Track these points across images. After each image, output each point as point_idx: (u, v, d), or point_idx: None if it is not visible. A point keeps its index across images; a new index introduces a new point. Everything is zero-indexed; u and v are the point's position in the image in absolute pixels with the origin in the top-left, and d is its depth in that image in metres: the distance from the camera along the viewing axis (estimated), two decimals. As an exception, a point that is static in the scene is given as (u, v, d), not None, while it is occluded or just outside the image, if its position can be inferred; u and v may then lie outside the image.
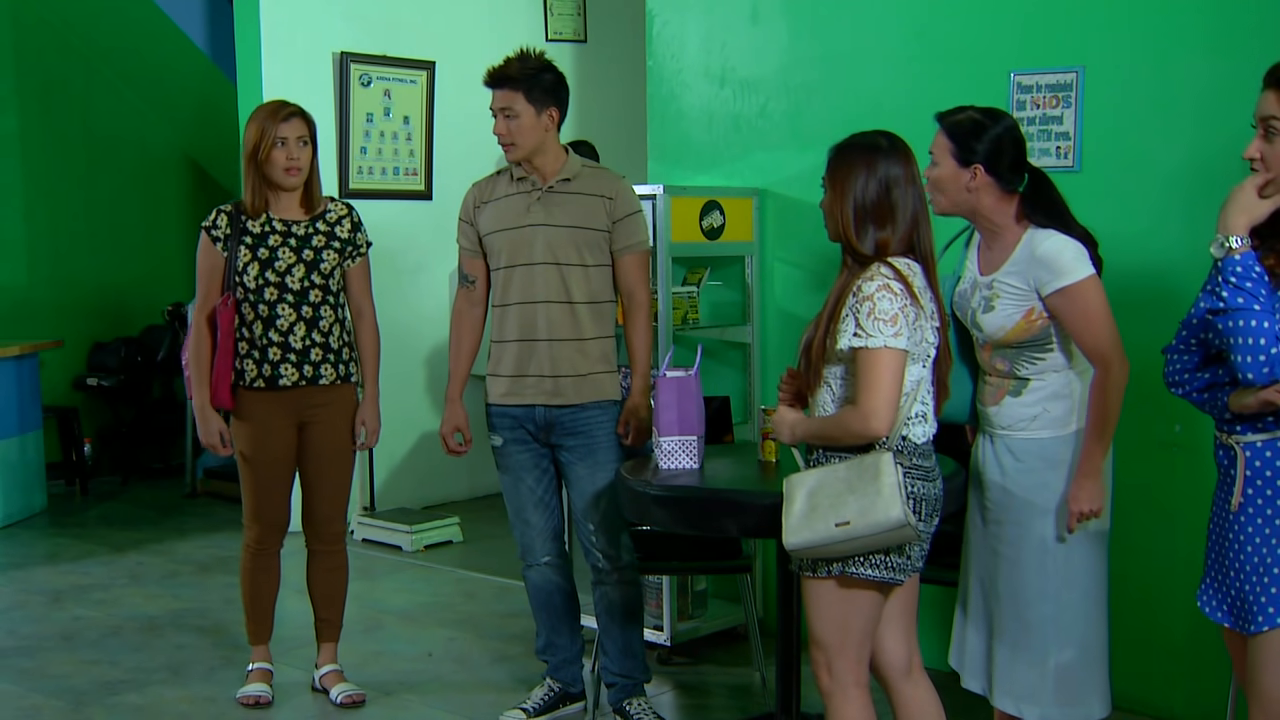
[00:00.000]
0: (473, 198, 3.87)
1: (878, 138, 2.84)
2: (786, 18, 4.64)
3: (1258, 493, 2.41)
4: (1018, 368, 3.10)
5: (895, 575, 2.76)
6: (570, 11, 7.67)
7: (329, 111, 6.56)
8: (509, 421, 3.81)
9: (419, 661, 4.60)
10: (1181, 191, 3.76)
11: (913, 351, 2.72)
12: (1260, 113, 2.39)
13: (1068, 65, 3.96)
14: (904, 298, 2.68)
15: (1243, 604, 2.43)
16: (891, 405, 2.68)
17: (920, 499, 2.74)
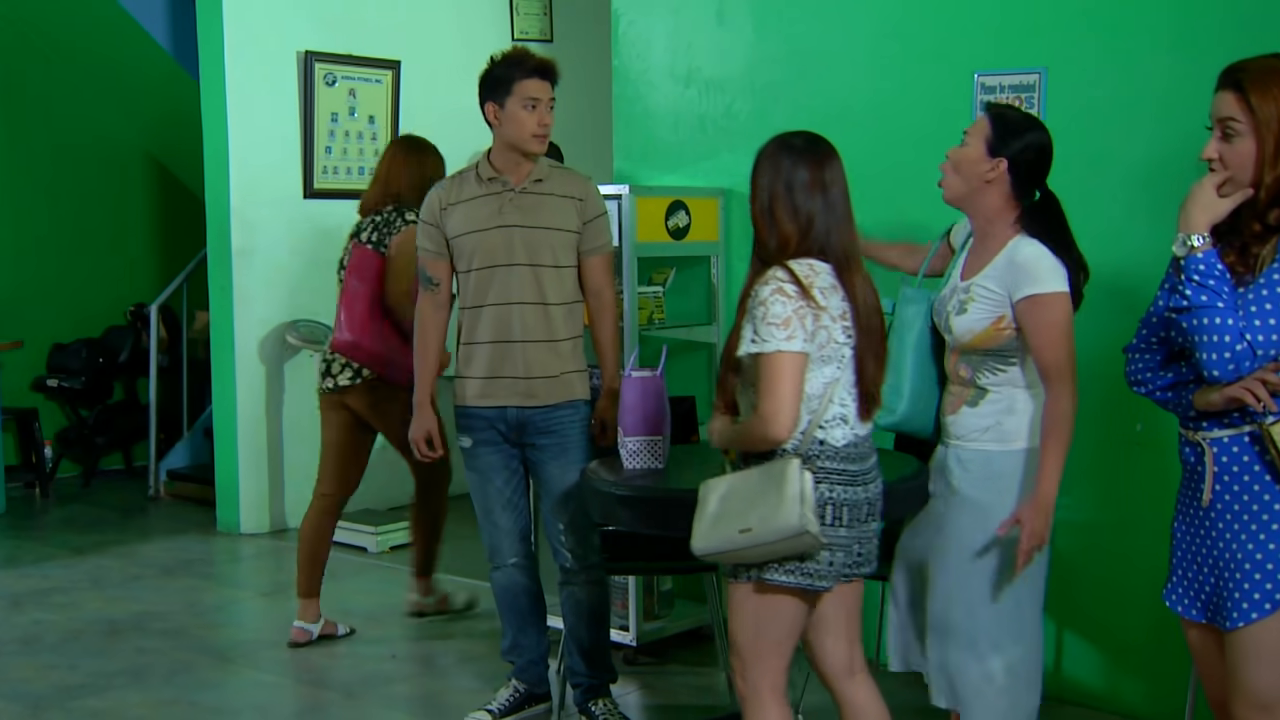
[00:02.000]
0: (438, 200, 3.81)
1: (794, 138, 2.81)
2: (752, 18, 4.64)
3: (1225, 488, 2.42)
4: (979, 375, 3.10)
5: (813, 582, 2.73)
6: (536, 11, 7.66)
7: (293, 111, 6.52)
8: (480, 423, 3.79)
9: (383, 663, 4.57)
10: (1144, 191, 3.79)
11: (818, 354, 2.70)
12: (1217, 114, 2.41)
13: (1031, 66, 3.98)
14: (799, 300, 2.65)
15: (1218, 600, 2.45)
16: (789, 409, 2.66)
17: (842, 504, 2.72)
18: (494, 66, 3.75)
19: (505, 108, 3.70)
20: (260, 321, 6.50)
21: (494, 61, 3.76)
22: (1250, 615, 2.36)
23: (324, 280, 6.66)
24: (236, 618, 5.29)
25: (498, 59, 3.76)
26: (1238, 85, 2.36)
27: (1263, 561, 2.36)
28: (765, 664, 2.82)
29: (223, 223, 6.42)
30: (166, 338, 7.75)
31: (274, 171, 6.50)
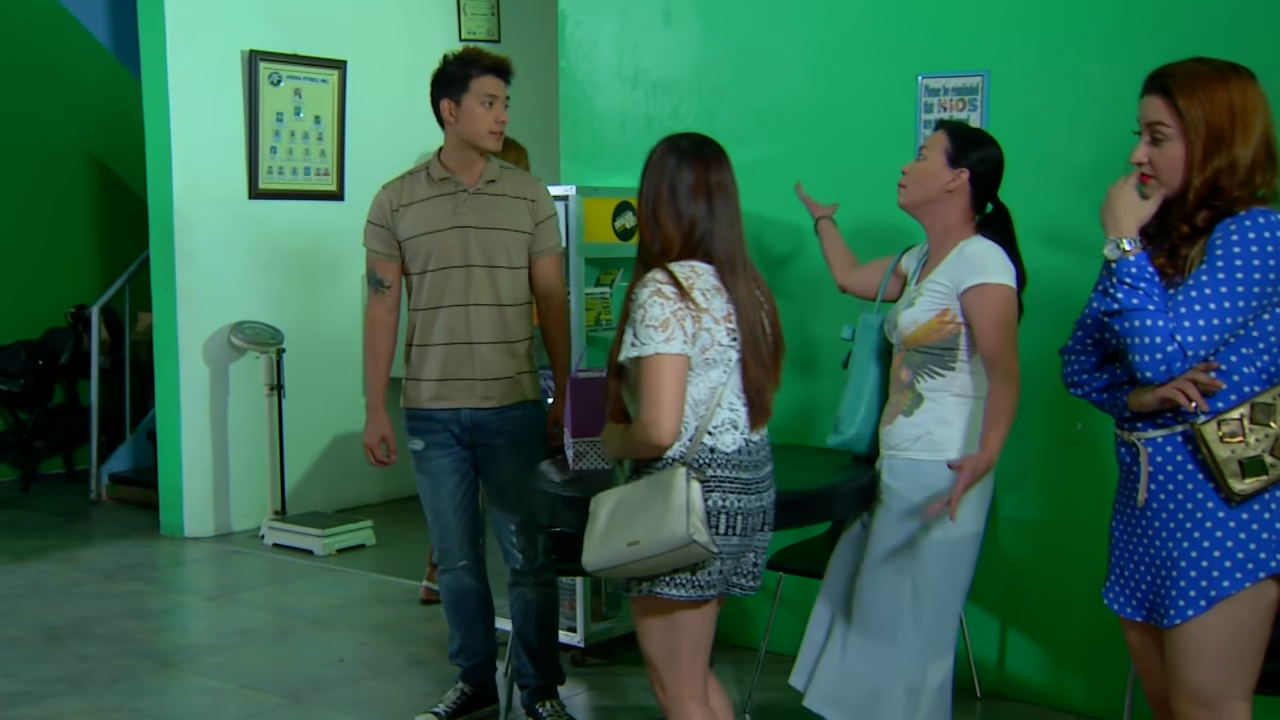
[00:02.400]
0: (387, 201, 3.77)
1: (681, 140, 2.77)
2: (699, 19, 4.65)
3: (1160, 488, 2.45)
4: (919, 379, 3.13)
5: (704, 593, 2.68)
6: (484, 11, 7.63)
7: (237, 111, 6.46)
8: (433, 425, 3.76)
9: (330, 667, 4.54)
10: (1084, 192, 3.82)
11: (701, 357, 2.64)
12: (1145, 118, 2.42)
13: (973, 69, 4.02)
14: (677, 302, 2.60)
15: (1155, 598, 2.48)
16: (671, 414, 2.60)
17: (735, 513, 2.68)
18: (449, 64, 3.73)
19: (462, 104, 3.68)
20: (204, 323, 6.43)
21: (448, 59, 3.74)
22: (1187, 613, 2.39)
23: (270, 281, 6.63)
24: (180, 622, 5.23)
25: (451, 57, 3.74)
26: (1165, 90, 2.39)
27: (1198, 559, 2.39)
28: (681, 675, 2.77)
29: (165, 223, 6.34)
30: (108, 339, 7.65)
31: (218, 172, 6.43)
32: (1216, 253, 2.33)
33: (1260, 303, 2.33)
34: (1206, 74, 2.38)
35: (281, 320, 6.59)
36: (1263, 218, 2.33)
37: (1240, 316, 2.33)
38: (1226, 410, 2.36)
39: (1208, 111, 2.35)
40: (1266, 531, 2.37)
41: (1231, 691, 2.41)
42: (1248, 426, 2.34)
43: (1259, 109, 2.38)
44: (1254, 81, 2.39)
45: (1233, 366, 2.37)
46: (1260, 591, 2.38)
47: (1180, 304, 2.32)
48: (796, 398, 4.52)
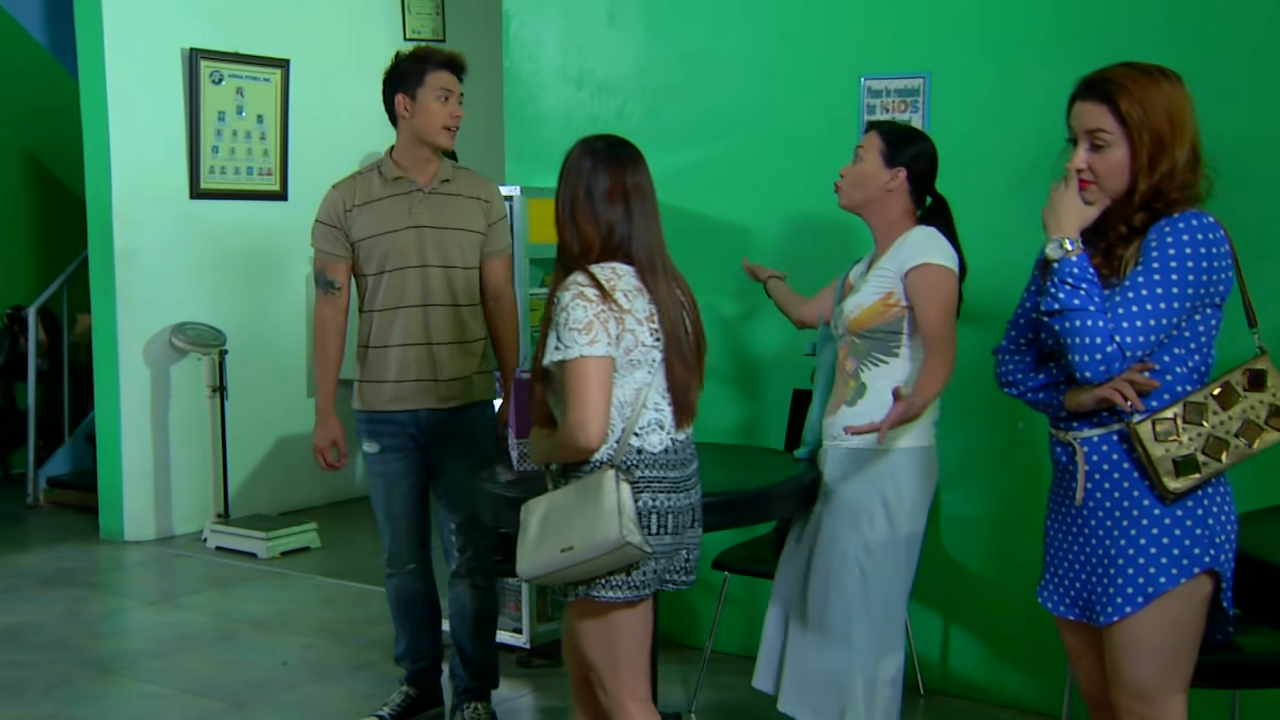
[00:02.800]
0: (340, 201, 3.71)
1: (597, 142, 2.77)
2: (643, 20, 4.66)
3: (1096, 486, 2.46)
4: (863, 367, 3.17)
5: (640, 593, 2.68)
6: (428, 11, 7.60)
7: (178, 110, 6.39)
8: (391, 428, 3.73)
9: (273, 671, 4.50)
10: (1023, 193, 3.85)
11: (625, 358, 2.64)
12: (1085, 125, 2.43)
13: (915, 71, 4.05)
14: (599, 304, 2.60)
15: (1090, 596, 2.50)
16: (598, 415, 2.59)
17: (666, 511, 2.67)
18: (403, 60, 3.71)
19: (417, 99, 3.66)
20: (145, 324, 6.35)
21: (402, 56, 3.72)
22: (1125, 609, 2.41)
23: (211, 282, 6.56)
24: (119, 627, 5.16)
25: (405, 54, 3.72)
26: (1106, 96, 2.41)
27: (1135, 557, 2.41)
28: (623, 675, 2.76)
29: (104, 223, 6.26)
30: (46, 341, 7.53)
31: (158, 171, 6.36)
32: (1152, 254, 2.36)
33: (1193, 303, 2.36)
34: (1143, 78, 2.41)
35: (224, 321, 6.52)
36: (1196, 219, 2.36)
37: (1175, 317, 2.35)
38: (1160, 410, 2.38)
39: (1150, 116, 2.37)
40: (1200, 528, 2.40)
41: (1169, 685, 2.44)
42: (1181, 425, 2.37)
43: (1189, 111, 2.41)
44: (1182, 83, 2.42)
45: (1166, 366, 2.40)
46: (1195, 587, 2.41)
47: (1118, 304, 2.35)
48: (746, 401, 4.54)
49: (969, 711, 4.06)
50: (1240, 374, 2.41)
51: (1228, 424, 2.38)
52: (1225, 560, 2.43)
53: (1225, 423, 2.38)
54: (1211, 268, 2.35)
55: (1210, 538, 2.41)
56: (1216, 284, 2.37)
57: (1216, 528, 2.42)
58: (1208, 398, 2.39)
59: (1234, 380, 2.40)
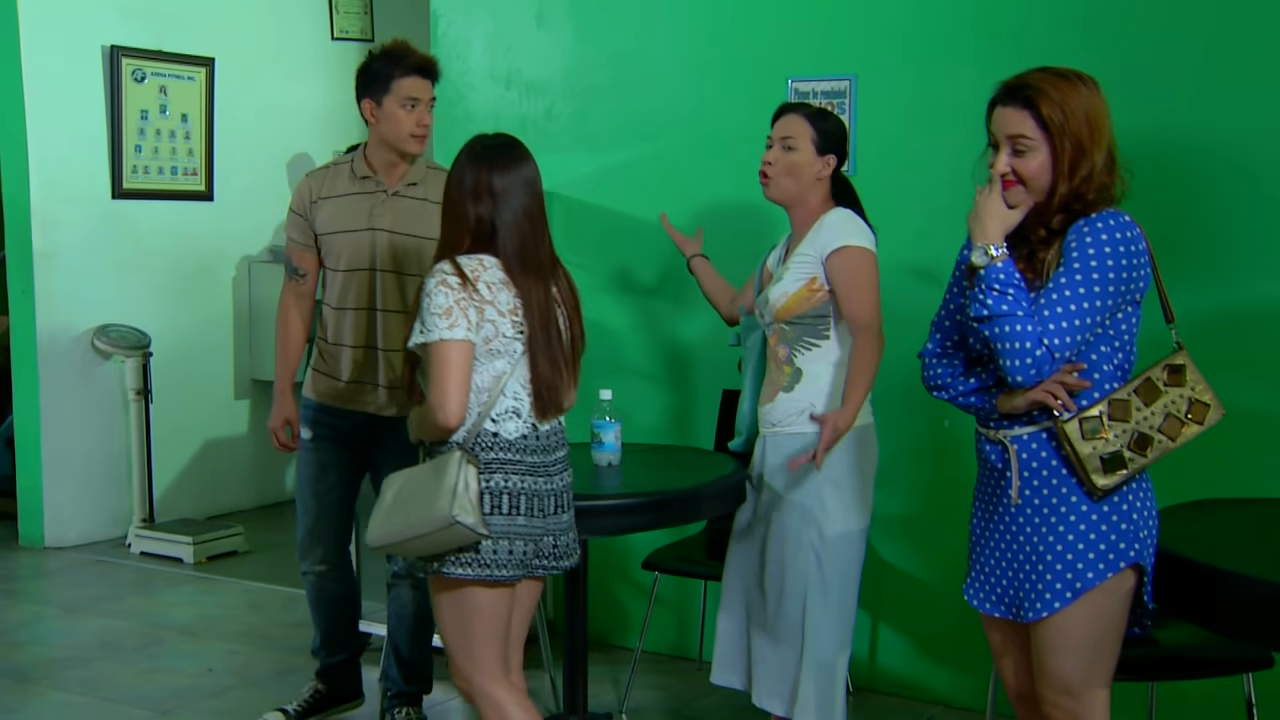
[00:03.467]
0: (308, 191, 3.70)
1: (485, 139, 2.87)
2: (571, 21, 4.66)
3: (1025, 484, 2.49)
4: (796, 353, 3.20)
5: (492, 572, 2.74)
6: (356, 10, 7.53)
7: (99, 108, 6.27)
8: (333, 421, 3.73)
9: (198, 677, 4.43)
10: (948, 196, 3.90)
11: (485, 347, 2.73)
12: (1007, 130, 2.45)
13: (842, 73, 4.09)
14: (460, 291, 2.70)
15: (1017, 594, 2.52)
16: (455, 397, 2.69)
17: (519, 494, 2.75)
18: (372, 61, 3.64)
19: (383, 105, 3.61)
20: (65, 326, 6.22)
21: (373, 56, 3.66)
22: (1053, 605, 2.44)
23: (135, 283, 6.45)
24: (39, 636, 5.05)
25: (377, 53, 3.66)
26: (1027, 101, 2.43)
27: (1063, 553, 2.44)
28: (475, 657, 2.82)
29: (22, 223, 6.13)
30: (-37, 344, 7.37)
31: (79, 170, 6.24)
32: (1072, 254, 2.39)
33: (1115, 301, 2.40)
34: (1062, 84, 2.44)
35: (149, 324, 6.41)
36: (1113, 219, 2.40)
37: (1099, 316, 2.39)
38: (1087, 408, 2.42)
39: (1070, 121, 2.40)
40: (1125, 523, 2.44)
41: (1094, 679, 2.48)
42: (1107, 422, 2.41)
43: (1106, 114, 2.45)
44: (1098, 87, 2.47)
45: (1093, 365, 2.44)
46: (1119, 582, 2.45)
47: (1043, 307, 2.37)
48: (675, 401, 4.55)
49: (896, 708, 4.10)
50: (1160, 369, 2.45)
51: (1151, 419, 2.42)
52: (1148, 555, 2.48)
53: (1149, 418, 2.42)
54: (1130, 265, 2.39)
55: (1134, 533, 2.45)
56: (1136, 281, 2.41)
57: (1140, 523, 2.46)
58: (1131, 394, 2.43)
59: (1155, 376, 2.45)
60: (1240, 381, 3.30)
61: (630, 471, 3.43)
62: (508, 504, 2.74)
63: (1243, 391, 3.25)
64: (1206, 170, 3.60)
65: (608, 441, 3.44)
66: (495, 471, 2.74)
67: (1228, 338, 3.52)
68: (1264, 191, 3.55)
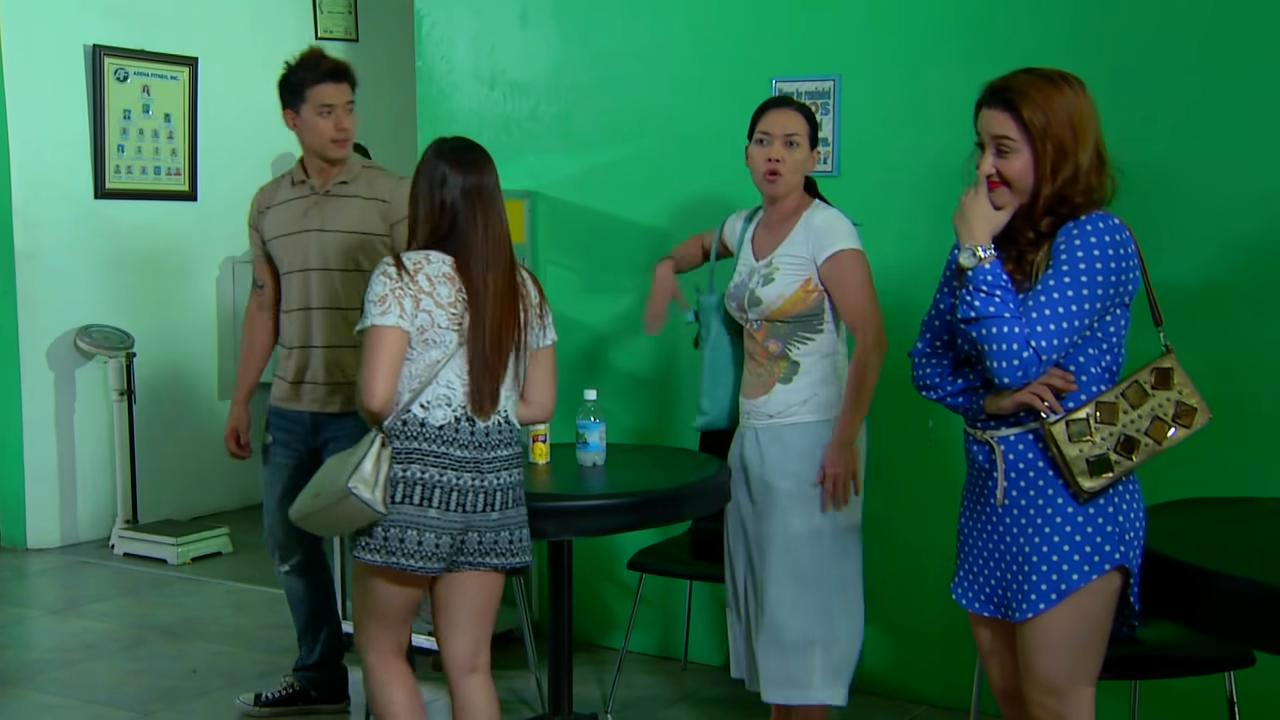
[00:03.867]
0: (256, 204, 3.86)
1: (444, 143, 2.98)
2: (555, 21, 4.65)
3: (1012, 484, 2.49)
4: (790, 348, 3.25)
5: (399, 560, 2.80)
6: (341, 10, 7.51)
7: (81, 108, 6.25)
8: (282, 422, 3.84)
9: (182, 678, 4.42)
10: (932, 196, 3.92)
11: (419, 336, 2.81)
12: (990, 131, 2.46)
13: (826, 73, 4.10)
14: (397, 281, 2.80)
15: (1005, 593, 2.53)
16: (381, 380, 2.78)
17: (434, 485, 2.81)
18: (289, 72, 3.72)
19: (301, 115, 3.68)
20: (48, 327, 6.20)
21: (289, 66, 3.73)
22: (1039, 606, 2.45)
23: (118, 284, 6.43)
24: (20, 638, 5.02)
25: (293, 63, 3.72)
26: (1009, 104, 2.44)
27: (1049, 554, 2.45)
28: (368, 632, 2.98)
29: (4, 223, 6.09)
30: (-55, 344, 7.33)
31: (61, 170, 6.21)
32: (1061, 257, 2.39)
33: (1104, 304, 2.40)
34: (1045, 86, 2.44)
35: (132, 324, 6.38)
36: (1102, 222, 2.40)
37: (1087, 318, 2.39)
38: (1074, 410, 2.42)
39: (1051, 123, 2.41)
40: (1111, 525, 2.44)
41: (1079, 679, 2.48)
42: (1094, 425, 2.41)
43: (1092, 116, 2.45)
44: (1084, 89, 2.47)
45: (1081, 367, 2.44)
46: (1105, 583, 2.45)
47: (1031, 309, 2.37)
48: (657, 402, 4.56)
49: (881, 707, 4.11)
50: (1148, 373, 2.45)
51: (1138, 422, 2.42)
52: (1134, 556, 2.48)
53: (1135, 421, 2.42)
54: (1120, 268, 2.39)
55: (1120, 535, 2.45)
56: (1125, 284, 2.42)
57: (1126, 525, 2.47)
58: (1119, 397, 2.43)
59: (1142, 379, 2.44)
60: (1223, 381, 3.31)
61: (615, 472, 3.43)
62: (419, 495, 2.79)
63: (1225, 390, 3.26)
64: (1193, 170, 3.62)
65: (592, 442, 3.45)
66: (414, 461, 2.80)
67: (1213, 337, 3.54)
68: (1250, 192, 3.56)
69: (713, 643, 4.45)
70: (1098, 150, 2.46)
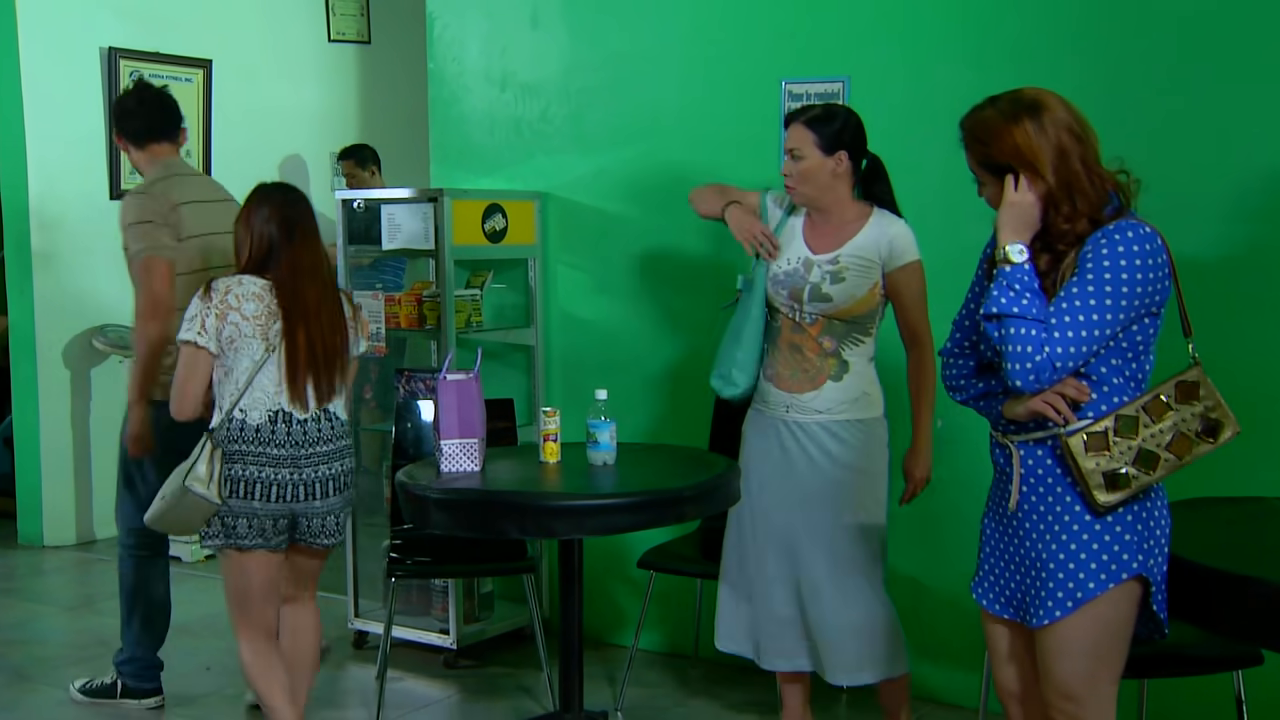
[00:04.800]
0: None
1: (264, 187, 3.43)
2: (566, 23, 4.68)
3: (1031, 490, 2.49)
4: (843, 348, 3.37)
5: (236, 541, 3.29)
6: (353, 12, 7.55)
7: (97, 109, 6.29)
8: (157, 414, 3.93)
9: (196, 675, 4.45)
10: (940, 197, 3.94)
11: (229, 346, 3.26)
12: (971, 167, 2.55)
13: (834, 75, 4.11)
14: (204, 302, 3.26)
15: (1023, 597, 2.53)
16: (185, 390, 3.30)
17: (255, 481, 3.27)
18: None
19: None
20: (64, 326, 6.25)
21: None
22: (1055, 613, 2.44)
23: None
24: (38, 634, 5.07)
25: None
26: (965, 144, 2.53)
27: (1065, 562, 2.44)
28: (234, 609, 3.41)
29: (21, 224, 6.15)
30: (-38, 344, 7.38)
31: (77, 172, 6.26)
32: (1087, 265, 2.37)
33: (1129, 314, 2.37)
34: (994, 123, 2.45)
35: (145, 323, 6.42)
36: (1131, 230, 2.37)
37: (1110, 329, 2.36)
38: (1094, 422, 2.40)
39: (996, 155, 2.45)
40: (1130, 534, 2.43)
41: (1097, 685, 2.48)
42: (1112, 439, 2.39)
43: (1043, 138, 2.41)
44: (1049, 110, 2.42)
45: (1103, 377, 2.42)
46: (1123, 592, 2.44)
47: (1052, 314, 2.37)
48: (667, 401, 4.58)
49: (890, 705, 4.12)
50: (1170, 386, 2.41)
51: (1158, 437, 2.39)
52: (1154, 565, 2.45)
53: (1156, 435, 2.39)
54: (1148, 279, 2.36)
55: (1140, 544, 2.43)
56: (1153, 294, 2.39)
57: (1146, 534, 2.45)
58: (1139, 410, 2.40)
59: (1164, 392, 2.41)
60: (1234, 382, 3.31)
61: (625, 471, 3.45)
62: (244, 489, 3.26)
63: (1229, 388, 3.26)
64: (1198, 171, 3.62)
65: (603, 441, 3.46)
66: (237, 461, 3.26)
67: (1218, 333, 3.55)
68: (1254, 191, 3.57)
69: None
70: (1086, 165, 2.41)
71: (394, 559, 4.03)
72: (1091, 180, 2.42)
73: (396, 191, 4.74)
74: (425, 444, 4.26)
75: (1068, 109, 2.45)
